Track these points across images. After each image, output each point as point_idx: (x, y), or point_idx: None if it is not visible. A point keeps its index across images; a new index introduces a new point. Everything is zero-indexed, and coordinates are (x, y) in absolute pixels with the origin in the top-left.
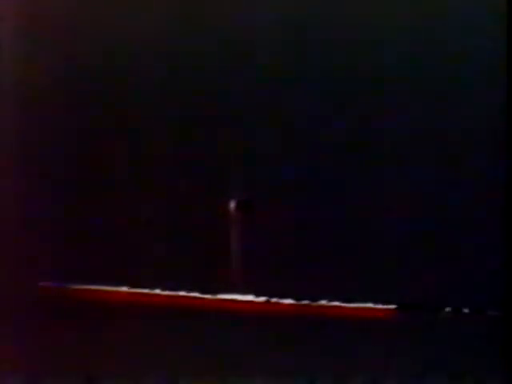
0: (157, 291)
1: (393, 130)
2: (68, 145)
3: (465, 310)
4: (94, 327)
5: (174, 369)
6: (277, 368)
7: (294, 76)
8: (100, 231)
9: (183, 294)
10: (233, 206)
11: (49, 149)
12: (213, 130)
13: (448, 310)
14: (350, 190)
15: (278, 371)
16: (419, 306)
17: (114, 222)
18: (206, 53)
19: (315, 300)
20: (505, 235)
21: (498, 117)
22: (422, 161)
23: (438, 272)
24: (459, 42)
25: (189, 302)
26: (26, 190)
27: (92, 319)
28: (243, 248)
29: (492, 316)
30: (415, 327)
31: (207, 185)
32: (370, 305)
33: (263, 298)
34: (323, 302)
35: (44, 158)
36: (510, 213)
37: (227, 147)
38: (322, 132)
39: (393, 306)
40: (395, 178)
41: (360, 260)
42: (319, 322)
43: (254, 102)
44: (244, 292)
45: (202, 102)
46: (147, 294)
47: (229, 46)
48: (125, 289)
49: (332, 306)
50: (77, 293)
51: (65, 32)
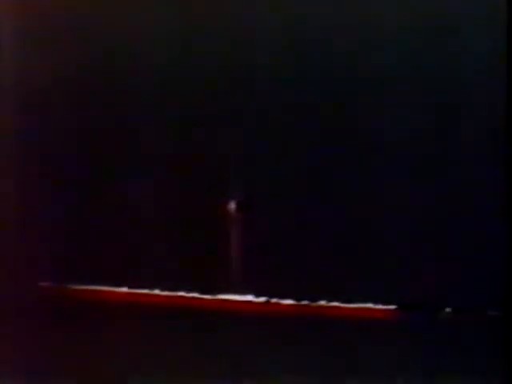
0: (156, 291)
1: (393, 129)
2: (68, 145)
3: (465, 310)
4: (93, 327)
5: (174, 369)
6: (277, 368)
7: (294, 76)
8: (100, 231)
9: (183, 294)
10: (233, 206)
11: (49, 149)
12: (213, 129)
13: (448, 310)
14: (350, 190)
15: (278, 371)
16: (419, 306)
17: (114, 223)
18: (206, 53)
19: (315, 300)
20: (505, 236)
21: (498, 116)
22: (422, 161)
23: (438, 272)
24: (459, 42)
25: (188, 302)
26: (26, 190)
27: (92, 319)
28: (243, 248)
29: (492, 316)
30: (415, 327)
31: (207, 185)
32: (369, 305)
33: (263, 298)
34: (323, 302)
35: (44, 158)
36: (510, 213)
37: (227, 147)
38: (321, 132)
39: (393, 306)
40: (395, 178)
41: (360, 260)
42: (319, 322)
43: (254, 102)
44: (244, 292)
45: (202, 101)
46: (147, 294)
47: (229, 46)
48: (125, 289)
49: (332, 306)
50: (77, 293)
51: (65, 32)
